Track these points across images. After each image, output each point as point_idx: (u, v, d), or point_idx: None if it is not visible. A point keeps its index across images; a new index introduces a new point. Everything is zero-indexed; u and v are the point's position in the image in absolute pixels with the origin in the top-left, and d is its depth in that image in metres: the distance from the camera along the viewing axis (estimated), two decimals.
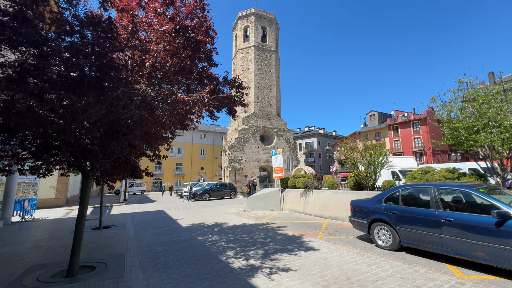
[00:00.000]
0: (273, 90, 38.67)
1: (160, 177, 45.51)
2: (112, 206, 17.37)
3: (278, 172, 13.17)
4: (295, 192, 12.35)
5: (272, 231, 7.78)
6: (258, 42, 37.93)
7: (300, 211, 11.62)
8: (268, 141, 37.39)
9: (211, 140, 52.65)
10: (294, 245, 6.13)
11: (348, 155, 10.16)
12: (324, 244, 6.09)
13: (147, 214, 13.15)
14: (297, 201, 11.97)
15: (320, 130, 63.05)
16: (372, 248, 5.73)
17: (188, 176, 47.82)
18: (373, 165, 9.25)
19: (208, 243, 6.58)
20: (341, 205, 9.52)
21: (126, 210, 15.16)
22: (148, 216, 12.34)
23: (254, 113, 35.86)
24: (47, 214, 13.18)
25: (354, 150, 10.14)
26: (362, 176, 9.66)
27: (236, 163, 32.13)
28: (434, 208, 4.77)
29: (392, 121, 47.12)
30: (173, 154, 47.31)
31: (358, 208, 6.35)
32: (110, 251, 5.95)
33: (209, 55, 5.81)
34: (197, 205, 17.03)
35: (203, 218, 11.13)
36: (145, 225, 9.74)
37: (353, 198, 9.08)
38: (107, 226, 9.44)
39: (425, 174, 7.25)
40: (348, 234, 7.23)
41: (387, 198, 5.74)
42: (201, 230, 8.33)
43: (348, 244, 6.06)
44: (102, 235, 7.80)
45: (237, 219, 10.53)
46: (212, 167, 51.24)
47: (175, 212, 13.61)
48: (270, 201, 12.97)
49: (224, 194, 23.06)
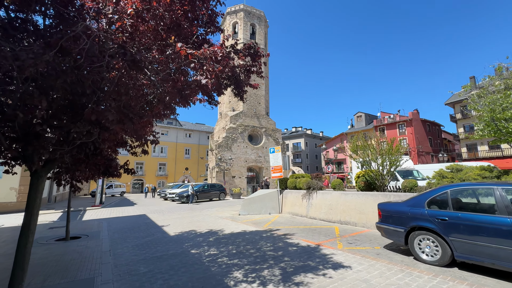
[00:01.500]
0: (262, 89, 37.63)
1: (141, 177, 42.85)
2: (86, 210, 15.33)
3: (276, 171, 11.96)
4: (295, 194, 11.20)
5: (280, 241, 6.54)
6: (247, 39, 36.75)
7: (302, 215, 10.48)
8: (257, 140, 36.25)
9: (197, 139, 50.58)
10: (316, 260, 4.93)
11: (360, 151, 9.16)
12: (352, 258, 4.94)
13: (127, 219, 11.44)
14: (299, 203, 10.82)
15: (307, 131, 62.83)
16: (413, 263, 4.65)
17: (171, 176, 45.49)
18: (389, 163, 8.29)
19: (205, 259, 5.21)
20: (352, 208, 8.47)
21: (102, 215, 13.28)
22: (128, 222, 10.66)
23: (243, 111, 34.61)
24: (3, 221, 11.07)
25: (365, 148, 9.15)
26: (376, 176, 8.69)
27: (223, 163, 30.63)
28: (504, 214, 3.75)
29: (378, 123, 47.63)
30: (155, 153, 44.81)
31: (390, 213, 5.27)
32: (74, 275, 4.43)
33: (213, 17, 4.48)
34: (184, 208, 15.43)
35: (193, 224, 9.67)
36: (124, 233, 8.14)
37: (366, 200, 8.08)
38: (76, 236, 7.76)
39: (457, 172, 6.37)
40: (372, 243, 6.14)
41: (430, 201, 4.69)
42: (193, 240, 6.91)
43: (381, 258, 4.95)
44: (67, 249, 6.18)
45: (234, 225, 9.19)
46: (198, 167, 49.19)
47: (160, 216, 11.99)
48: (267, 203, 11.73)
49: (213, 196, 21.50)
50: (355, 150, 9.41)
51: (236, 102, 35.98)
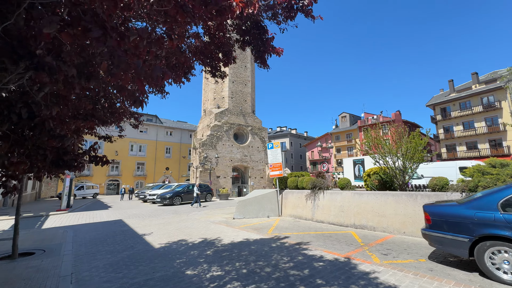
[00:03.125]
0: (248, 86, 36.43)
1: (117, 178, 39.74)
2: (49, 215, 13.05)
3: (275, 169, 10.68)
4: (298, 194, 10.01)
5: (298, 253, 5.26)
6: None
7: (307, 218, 9.30)
8: (242, 139, 34.90)
9: (178, 137, 48.06)
10: (360, 282, 3.71)
11: (376, 146, 8.14)
12: (404, 277, 3.79)
13: (99, 226, 9.58)
14: (302, 205, 9.63)
15: (292, 131, 62.46)
16: (486, 283, 3.59)
17: (151, 177, 42.71)
18: (410, 158, 7.32)
19: (209, 285, 3.79)
20: (369, 210, 7.42)
21: (69, 221, 11.21)
22: (101, 229, 8.84)
23: (228, 109, 33.13)
24: None
25: (379, 143, 8.15)
26: (394, 173, 7.70)
27: (209, 162, 28.90)
28: None
29: (362, 123, 48.21)
30: (133, 152, 41.84)
31: (445, 218, 4.19)
32: None
33: None
34: (168, 212, 13.68)
35: (182, 231, 8.11)
36: (94, 246, 6.43)
37: (386, 200, 7.05)
38: (29, 252, 5.95)
39: (503, 168, 5.52)
40: (411, 253, 5.06)
41: (506, 202, 3.66)
42: (186, 255, 5.42)
43: (439, 275, 3.84)
44: (9, 275, 4.44)
45: (231, 231, 7.77)
46: (179, 167, 46.71)
47: (140, 222, 10.24)
48: (265, 205, 10.43)
49: None
50: (371, 143, 8.37)
51: (222, 99, 34.41)
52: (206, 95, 36.08)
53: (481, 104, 32.29)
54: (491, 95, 31.68)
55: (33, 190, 26.27)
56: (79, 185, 31.34)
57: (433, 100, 40.51)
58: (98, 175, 37.82)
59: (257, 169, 34.17)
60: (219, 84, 34.40)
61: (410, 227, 6.43)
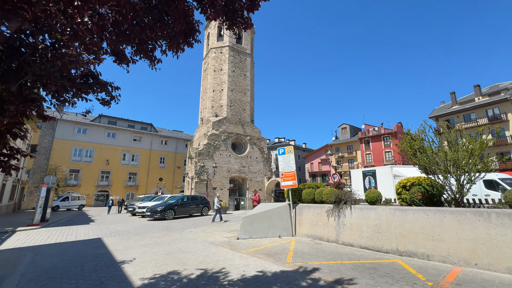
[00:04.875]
0: (247, 95, 35.30)
1: (107, 188, 37.29)
2: (15, 231, 10.96)
3: (288, 179, 8.98)
4: (316, 209, 8.28)
5: None
6: (233, 43, 34.68)
7: (329, 239, 7.54)
8: (241, 149, 33.27)
9: (173, 147, 46.16)
10: None
11: (423, 151, 6.52)
12: None
13: (69, 248, 7.63)
14: (322, 222, 7.89)
15: (290, 142, 61.12)
16: None
17: (143, 187, 40.36)
18: (467, 169, 5.72)
19: None
20: (417, 231, 5.74)
21: (35, 240, 9.18)
22: (69, 253, 6.92)
23: (226, 117, 31.75)
24: None
25: (422, 150, 6.53)
26: (444, 184, 6.09)
27: (205, 172, 27.02)
28: None
29: (363, 135, 47.19)
30: (125, 161, 39.69)
31: None
32: None
33: None
34: (158, 228, 11.72)
35: (173, 256, 6.26)
36: (48, 283, 4.56)
37: (443, 220, 5.41)
38: None
39: None
40: None
41: None
42: None
43: None
44: None
45: (238, 258, 5.95)
46: (173, 177, 44.50)
47: (122, 242, 8.31)
48: (276, 222, 8.64)
49: (193, 211, 17.72)
50: (414, 150, 6.74)
51: (220, 107, 33.05)
52: (203, 103, 34.74)
53: (486, 116, 31.59)
54: (496, 107, 31.07)
55: (11, 201, 23.78)
56: (63, 196, 28.93)
57: (435, 112, 39.84)
58: (86, 185, 35.40)
59: (256, 180, 32.35)
60: (218, 92, 33.16)
61: (484, 258, 4.76)
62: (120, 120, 41.87)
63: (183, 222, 14.25)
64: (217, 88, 33.51)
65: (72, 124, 35.85)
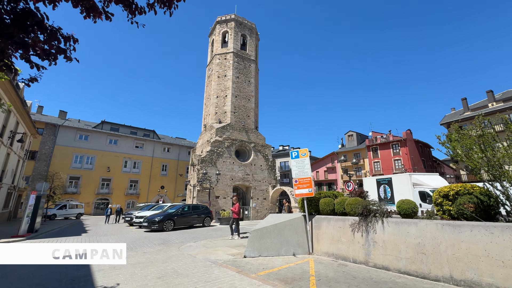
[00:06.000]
0: (252, 101, 34.41)
1: (107, 196, 36.17)
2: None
3: (303, 186, 7.73)
4: (337, 222, 6.99)
5: None
6: (237, 49, 34.15)
7: (356, 260, 6.22)
8: (244, 156, 32.07)
9: (176, 154, 45.16)
10: None
11: (483, 150, 5.31)
12: None
13: (43, 268, 6.42)
14: (347, 239, 6.59)
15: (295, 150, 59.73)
16: None
17: (144, 196, 39.17)
18: None
19: None
20: (478, 253, 4.44)
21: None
22: (42, 274, 5.71)
23: (230, 124, 30.76)
24: None
25: (484, 147, 5.33)
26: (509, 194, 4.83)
27: (208, 180, 25.80)
28: None
29: (370, 142, 45.69)
30: (127, 168, 38.68)
31: None
32: None
33: None
34: (154, 241, 10.46)
35: (166, 282, 5.01)
36: None
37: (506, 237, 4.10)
38: None
39: None
40: None
41: None
42: None
43: None
44: None
45: (248, 285, 4.69)
46: (175, 185, 43.30)
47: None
48: (290, 237, 7.35)
49: (195, 221, 16.40)
50: (468, 147, 5.52)
51: (223, 113, 32.17)
52: (207, 110, 33.93)
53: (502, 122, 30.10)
54: None
55: (5, 209, 22.71)
56: (61, 204, 27.83)
57: (446, 119, 38.41)
58: (86, 193, 34.34)
59: (260, 189, 30.99)
60: (221, 98, 32.39)
61: None
62: (122, 126, 41.22)
63: (183, 234, 12.96)
64: (221, 94, 32.74)
65: (74, 130, 35.22)
